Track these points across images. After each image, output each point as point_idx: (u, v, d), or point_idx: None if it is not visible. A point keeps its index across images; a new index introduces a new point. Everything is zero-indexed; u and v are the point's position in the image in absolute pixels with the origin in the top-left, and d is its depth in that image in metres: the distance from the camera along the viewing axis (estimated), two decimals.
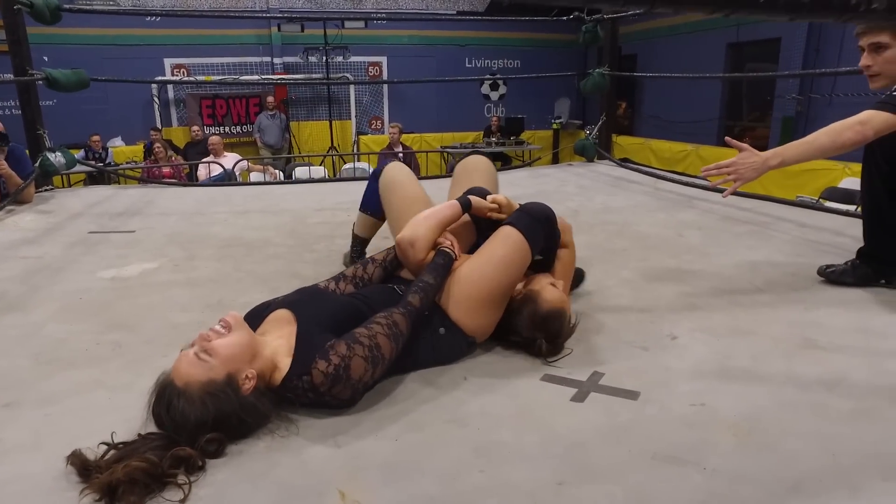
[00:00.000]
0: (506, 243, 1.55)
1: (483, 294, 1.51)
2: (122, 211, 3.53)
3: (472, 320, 1.51)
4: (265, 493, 1.04)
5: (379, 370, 1.28)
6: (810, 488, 1.03)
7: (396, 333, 1.31)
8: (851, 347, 1.59)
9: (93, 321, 1.84)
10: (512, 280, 1.55)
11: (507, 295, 1.56)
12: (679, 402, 1.33)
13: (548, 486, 1.05)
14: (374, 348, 1.25)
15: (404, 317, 1.35)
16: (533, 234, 1.57)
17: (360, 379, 1.23)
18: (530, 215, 1.60)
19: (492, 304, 1.53)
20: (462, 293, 1.51)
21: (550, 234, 1.64)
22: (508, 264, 1.53)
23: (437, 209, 1.66)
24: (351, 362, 1.21)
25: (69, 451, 1.15)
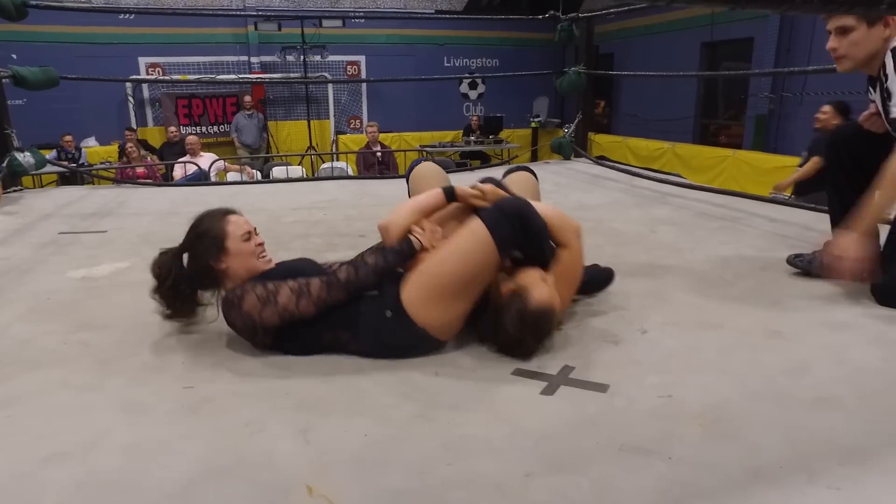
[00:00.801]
0: (469, 236, 1.52)
1: (436, 283, 1.49)
2: (94, 211, 3.48)
3: (423, 310, 1.48)
4: (232, 489, 1.04)
5: (268, 312, 1.45)
6: (770, 475, 1.06)
7: (303, 291, 1.46)
8: (815, 338, 1.63)
9: (61, 321, 1.81)
10: (469, 275, 1.50)
11: (464, 290, 1.51)
12: (647, 395, 1.35)
13: (515, 477, 1.06)
14: (272, 294, 1.46)
15: (321, 282, 1.47)
16: (500, 230, 1.50)
17: (249, 312, 1.46)
18: (501, 210, 1.55)
19: (445, 295, 1.49)
20: (417, 281, 1.51)
21: (526, 232, 1.55)
22: (467, 258, 1.50)
23: (419, 197, 1.66)
24: (246, 295, 1.47)
25: (32, 451, 1.14)
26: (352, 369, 1.48)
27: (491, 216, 1.53)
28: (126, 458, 1.13)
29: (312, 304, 1.46)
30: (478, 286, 1.54)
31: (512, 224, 1.53)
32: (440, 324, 1.51)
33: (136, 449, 1.16)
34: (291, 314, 1.46)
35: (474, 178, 1.78)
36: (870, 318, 1.74)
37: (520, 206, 1.57)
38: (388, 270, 1.53)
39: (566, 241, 1.68)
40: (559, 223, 1.68)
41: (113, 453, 1.14)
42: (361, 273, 1.50)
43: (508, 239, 1.53)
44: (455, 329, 1.56)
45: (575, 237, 1.70)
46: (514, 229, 1.53)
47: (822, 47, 2.04)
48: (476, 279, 1.52)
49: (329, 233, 2.97)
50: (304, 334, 1.52)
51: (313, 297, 1.46)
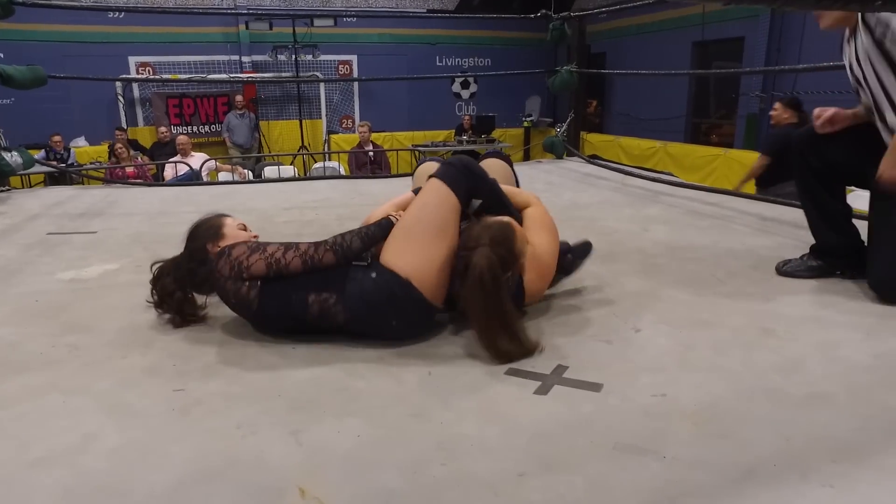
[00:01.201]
0: (425, 189, 1.65)
1: (405, 233, 1.58)
2: (84, 211, 3.45)
3: (399, 258, 1.55)
4: (222, 492, 1.02)
5: (255, 258, 1.53)
6: (763, 473, 1.06)
7: (290, 245, 1.55)
8: (807, 336, 1.63)
9: (49, 324, 1.79)
10: (433, 217, 1.59)
11: (433, 234, 1.58)
12: (641, 394, 1.34)
13: (509, 477, 1.05)
14: (261, 245, 1.56)
15: (310, 243, 1.56)
16: (448, 176, 1.63)
17: (238, 258, 1.54)
18: (448, 163, 1.71)
19: (415, 239, 1.57)
20: (390, 241, 1.60)
21: (475, 180, 1.69)
22: (426, 205, 1.61)
23: (397, 197, 1.80)
24: (236, 245, 1.58)
25: (19, 455, 1.13)
26: (344, 370, 1.46)
27: (441, 169, 1.68)
28: (114, 461, 1.11)
29: (299, 258, 1.53)
30: (447, 231, 1.60)
31: (460, 171, 1.66)
32: (421, 272, 1.54)
33: (124, 452, 1.14)
34: (277, 263, 1.53)
35: None
36: (861, 316, 1.75)
37: (464, 159, 1.75)
38: (371, 239, 1.60)
39: (524, 202, 1.83)
40: (511, 191, 1.85)
41: (101, 457, 1.12)
42: (347, 237, 1.58)
43: (461, 184, 1.64)
44: (440, 285, 1.58)
45: (532, 197, 1.85)
46: (463, 175, 1.66)
47: (812, 47, 2.06)
48: (443, 224, 1.60)
49: (321, 233, 2.92)
50: (291, 295, 1.54)
51: (300, 251, 1.54)
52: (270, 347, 1.60)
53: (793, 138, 2.11)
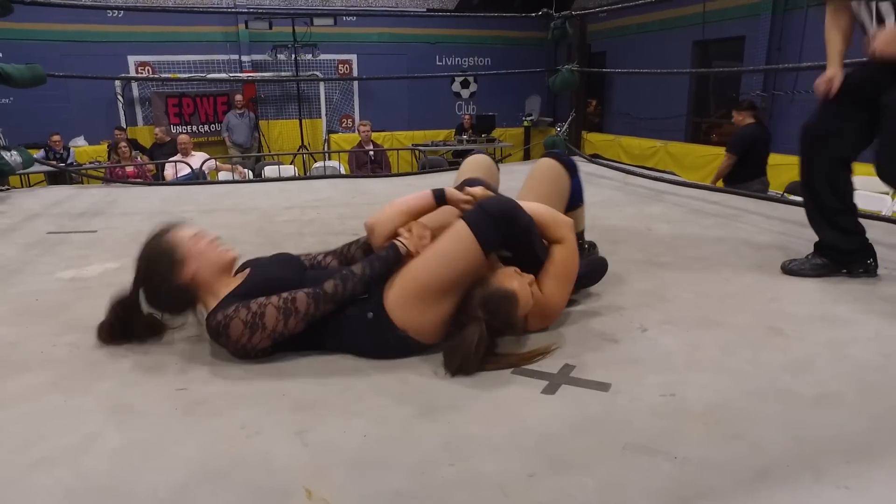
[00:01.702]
0: (451, 236, 1.49)
1: (418, 287, 1.45)
2: (84, 211, 3.43)
3: (403, 311, 1.45)
4: (228, 493, 1.01)
5: (257, 338, 1.40)
6: (777, 474, 1.04)
7: (289, 309, 1.41)
8: (815, 335, 1.62)
9: (49, 323, 1.77)
10: (452, 274, 1.46)
11: (447, 293, 1.46)
12: (649, 393, 1.33)
13: (518, 477, 1.03)
14: (257, 316, 1.39)
15: (307, 297, 1.42)
16: (483, 230, 1.47)
17: (239, 340, 1.40)
18: (484, 210, 1.51)
19: (426, 298, 1.45)
20: (399, 283, 1.47)
21: (511, 231, 1.53)
22: (449, 258, 1.46)
23: (408, 197, 1.63)
24: (231, 322, 1.39)
25: (20, 457, 1.11)
26: (349, 370, 1.45)
27: (474, 217, 1.50)
28: (117, 462, 1.09)
29: (301, 321, 1.42)
30: (461, 288, 1.49)
31: (496, 223, 1.50)
32: (421, 326, 1.46)
33: (127, 453, 1.12)
34: (281, 335, 1.42)
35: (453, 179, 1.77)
36: (869, 315, 1.74)
37: (504, 205, 1.54)
38: (375, 280, 1.50)
39: (559, 237, 1.65)
40: (551, 220, 1.65)
41: (103, 458, 1.11)
42: (349, 286, 1.46)
43: (492, 239, 1.50)
44: (439, 333, 1.50)
45: (568, 232, 1.67)
46: (497, 229, 1.50)
47: (813, 46, 2.05)
48: (459, 282, 1.48)
49: (322, 231, 2.93)
50: (291, 345, 1.48)
51: (300, 315, 1.42)
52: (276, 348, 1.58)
53: (807, 129, 2.08)
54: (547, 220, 1.65)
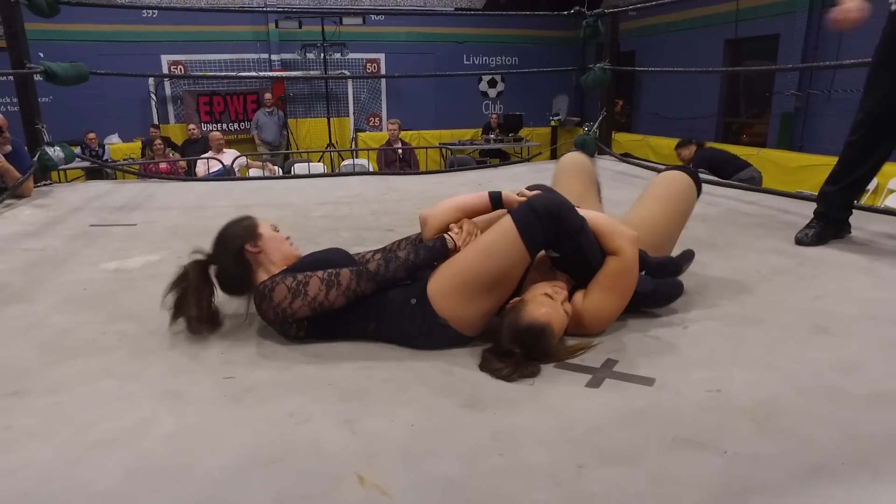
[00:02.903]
0: (496, 231, 1.49)
1: (460, 279, 1.46)
2: (122, 205, 3.51)
3: (445, 302, 1.46)
4: (282, 477, 1.02)
5: (298, 303, 1.46)
6: (832, 471, 1.03)
7: (332, 281, 1.47)
8: (863, 334, 1.58)
9: (98, 312, 1.82)
10: (494, 269, 1.45)
11: (489, 288, 1.46)
12: (694, 389, 1.32)
13: (568, 468, 1.04)
14: (302, 285, 1.47)
15: (351, 273, 1.49)
16: (528, 227, 1.45)
17: (280, 304, 1.46)
18: (531, 208, 1.48)
19: (468, 291, 1.46)
20: (444, 273, 1.50)
21: (557, 230, 1.49)
22: (492, 252, 1.46)
23: (464, 195, 1.66)
24: (276, 286, 1.47)
25: (80, 437, 1.14)
26: (392, 361, 1.46)
27: (520, 214, 1.48)
28: (172, 445, 1.12)
29: (342, 295, 1.47)
30: (504, 285, 1.49)
31: (542, 222, 1.47)
32: (462, 319, 1.48)
33: (181, 437, 1.15)
34: (321, 304, 1.47)
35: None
36: None
37: (553, 204, 1.50)
38: (418, 267, 1.52)
39: (616, 249, 1.56)
40: (608, 229, 1.59)
41: (159, 441, 1.14)
42: (391, 267, 1.50)
43: (538, 237, 1.48)
44: (480, 326, 1.52)
45: (627, 245, 1.56)
46: (543, 227, 1.47)
47: (852, 43, 2.04)
48: (502, 278, 1.48)
49: (357, 227, 2.96)
50: (333, 325, 1.52)
51: (342, 288, 1.47)
52: (315, 339, 1.60)
53: None
54: (604, 229, 1.58)
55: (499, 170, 5.11)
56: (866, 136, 2.29)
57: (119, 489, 0.99)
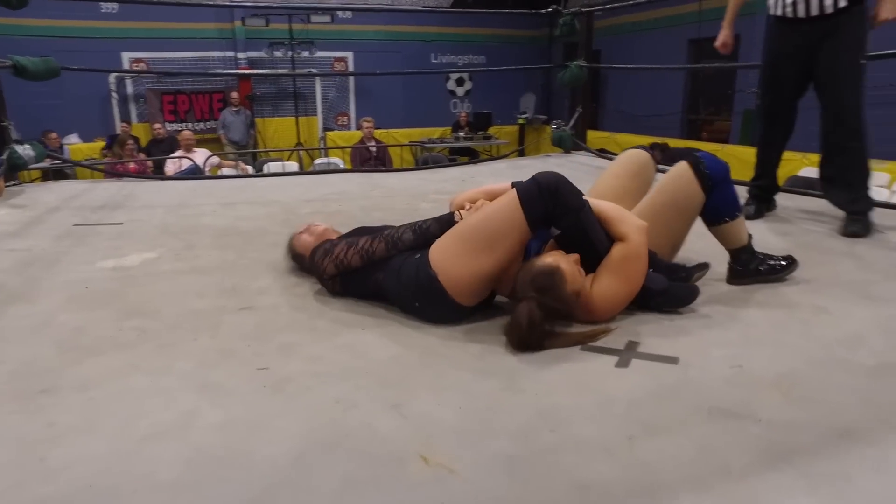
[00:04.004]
0: (500, 199, 1.58)
1: (458, 231, 1.59)
2: (103, 204, 3.41)
3: (440, 252, 1.58)
4: (345, 461, 1.04)
5: (328, 260, 1.77)
6: (861, 433, 1.10)
7: (352, 243, 1.75)
8: (861, 313, 1.68)
9: (107, 309, 1.78)
10: (489, 228, 1.54)
11: (481, 245, 1.53)
12: (718, 365, 1.38)
13: (619, 440, 1.08)
14: (332, 246, 1.78)
15: (370, 238, 1.73)
16: (528, 196, 1.53)
17: (318, 264, 1.81)
18: (534, 179, 1.57)
19: (461, 241, 1.56)
20: (446, 235, 1.62)
21: (556, 204, 1.55)
22: (492, 214, 1.56)
23: (493, 185, 1.78)
24: (317, 250, 1.84)
25: (128, 431, 1.13)
26: (420, 350, 1.49)
27: (524, 185, 1.58)
28: (225, 436, 1.12)
29: (358, 255, 1.72)
30: (498, 248, 1.54)
31: (541, 193, 1.54)
32: (450, 273, 1.54)
33: (231, 427, 1.15)
34: (342, 262, 1.75)
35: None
36: None
37: (553, 180, 1.57)
38: (426, 233, 1.68)
39: (622, 235, 1.60)
40: (615, 215, 1.63)
41: (210, 432, 1.13)
42: (401, 230, 1.72)
43: (537, 208, 1.54)
44: (473, 293, 1.58)
45: (634, 231, 1.60)
46: (542, 198, 1.54)
47: None
48: (497, 240, 1.54)
49: (349, 223, 2.89)
50: (364, 281, 1.75)
51: (358, 248, 1.73)
52: (340, 329, 1.61)
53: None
54: (611, 216, 1.63)
55: (479, 166, 5.15)
56: (768, 130, 2.73)
57: (183, 479, 0.99)
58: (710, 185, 1.79)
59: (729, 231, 1.88)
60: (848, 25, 2.36)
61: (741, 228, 1.89)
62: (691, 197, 1.82)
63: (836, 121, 2.47)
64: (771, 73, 2.63)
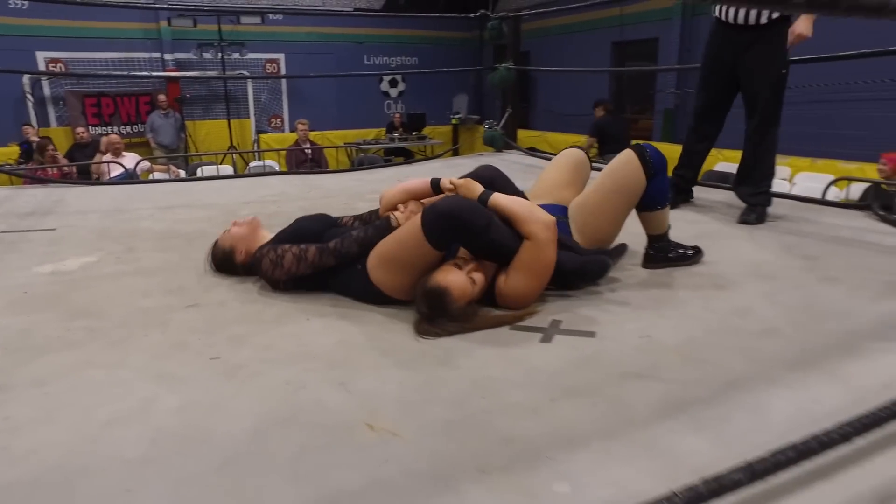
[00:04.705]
0: (410, 225, 1.71)
1: (382, 254, 1.76)
2: (31, 211, 3.32)
3: (375, 270, 1.77)
4: (299, 433, 1.15)
5: (278, 272, 1.86)
6: (742, 385, 1.30)
7: (302, 257, 1.84)
8: (752, 288, 1.92)
9: (51, 311, 1.80)
10: (404, 256, 1.71)
11: (401, 266, 1.72)
12: (629, 337, 1.57)
13: (543, 402, 1.24)
14: (279, 258, 1.86)
15: (316, 250, 1.83)
16: (429, 227, 1.65)
17: (266, 271, 1.89)
18: (434, 210, 1.67)
19: (388, 265, 1.75)
20: (378, 247, 1.78)
21: (460, 230, 1.66)
22: (404, 242, 1.72)
23: (412, 181, 1.92)
24: (262, 259, 1.89)
25: (89, 418, 1.20)
26: (364, 334, 1.61)
27: (426, 214, 1.68)
28: (185, 417, 1.21)
29: (309, 267, 1.84)
30: (418, 267, 1.70)
31: (441, 223, 1.65)
32: (388, 286, 1.76)
33: (190, 410, 1.24)
34: (294, 274, 1.86)
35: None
36: (791, 270, 2.08)
37: (454, 209, 1.66)
38: (366, 242, 1.80)
39: (528, 234, 1.71)
40: (523, 215, 1.73)
41: (170, 415, 1.22)
42: (346, 243, 1.82)
43: (439, 236, 1.67)
44: (404, 294, 1.76)
45: (540, 229, 1.70)
46: (443, 227, 1.66)
47: None
48: (414, 264, 1.71)
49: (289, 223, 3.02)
50: (308, 282, 1.89)
51: (308, 262, 1.84)
52: (286, 321, 1.71)
53: None
54: (519, 216, 1.73)
55: (413, 166, 5.28)
56: (699, 124, 2.96)
57: (150, 455, 1.08)
58: (653, 173, 1.94)
59: (657, 218, 2.07)
60: (771, 38, 2.62)
61: (667, 217, 2.10)
62: (636, 182, 1.96)
63: (756, 125, 2.74)
64: (706, 72, 2.89)
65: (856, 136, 5.96)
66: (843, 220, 2.73)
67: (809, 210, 2.96)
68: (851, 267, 2.10)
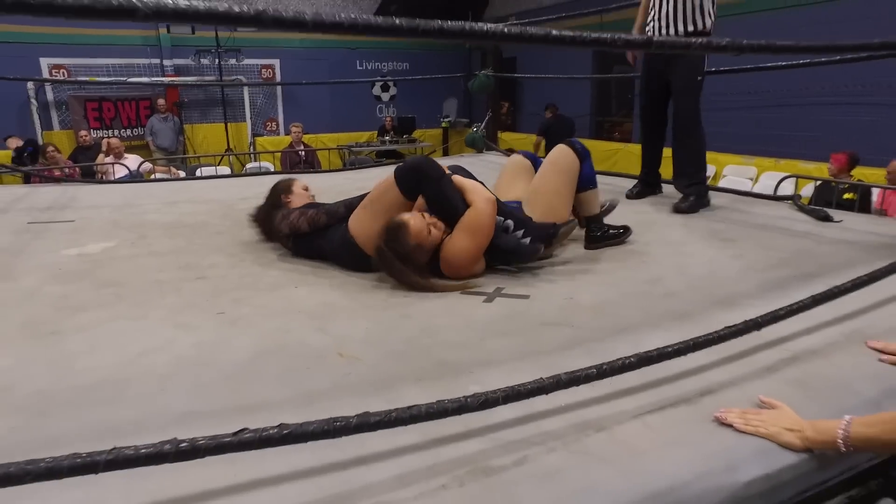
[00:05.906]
0: (382, 180, 2.24)
1: (364, 204, 2.24)
2: (48, 206, 3.68)
3: (354, 220, 2.23)
4: (284, 358, 1.52)
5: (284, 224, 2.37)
6: (632, 331, 1.67)
7: (304, 213, 2.35)
8: (669, 260, 2.30)
9: (84, 283, 2.16)
10: (380, 199, 2.19)
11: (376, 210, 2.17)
12: (556, 298, 1.95)
13: (473, 341, 1.61)
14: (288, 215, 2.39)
15: (315, 211, 2.34)
16: (400, 173, 2.19)
17: (278, 224, 2.41)
18: (405, 162, 2.32)
19: (361, 211, 2.22)
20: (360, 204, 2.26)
21: (420, 177, 2.15)
22: (376, 192, 2.23)
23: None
24: (280, 218, 2.42)
25: (126, 350, 1.57)
26: (344, 296, 1.98)
27: (398, 167, 2.25)
28: (199, 350, 1.58)
29: (306, 222, 2.33)
30: (388, 211, 2.14)
31: (408, 170, 2.20)
32: (360, 233, 2.17)
33: (203, 346, 1.60)
34: (293, 225, 2.35)
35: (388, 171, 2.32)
36: (708, 249, 2.46)
37: (418, 160, 2.28)
38: (351, 204, 2.31)
39: (470, 202, 2.12)
40: (468, 187, 2.16)
41: (188, 348, 1.58)
42: (335, 205, 2.36)
43: (406, 180, 2.17)
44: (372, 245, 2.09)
45: (479, 199, 2.10)
46: (408, 174, 2.18)
47: None
48: (382, 208, 2.16)
49: None
50: (306, 241, 2.36)
51: (307, 216, 2.33)
52: (278, 288, 2.08)
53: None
54: (466, 187, 2.17)
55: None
56: (644, 130, 3.52)
57: (177, 372, 1.44)
58: (582, 157, 2.44)
59: (589, 199, 2.51)
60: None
61: (598, 199, 2.55)
62: (572, 163, 2.44)
63: (679, 124, 3.18)
64: (643, 84, 3.39)
65: (812, 137, 6.37)
66: (768, 210, 3.12)
67: (743, 202, 3.35)
68: (759, 246, 2.48)
